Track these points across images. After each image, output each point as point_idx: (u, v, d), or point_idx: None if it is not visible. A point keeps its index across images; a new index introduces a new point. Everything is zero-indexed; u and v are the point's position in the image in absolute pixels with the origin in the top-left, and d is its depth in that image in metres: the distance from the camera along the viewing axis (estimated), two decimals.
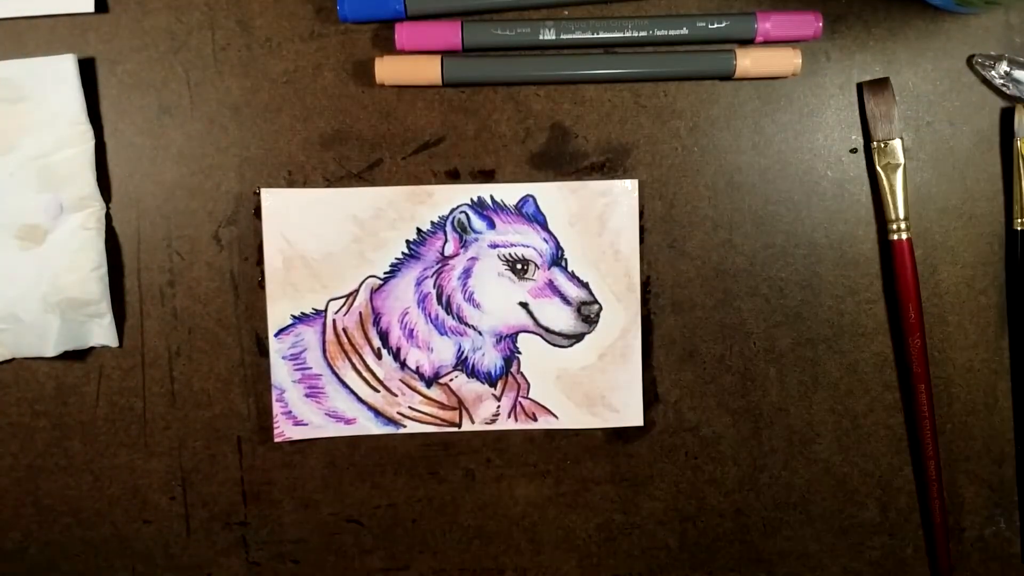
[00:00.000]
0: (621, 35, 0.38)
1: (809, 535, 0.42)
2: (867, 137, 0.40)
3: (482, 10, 0.39)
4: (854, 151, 0.40)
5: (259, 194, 0.39)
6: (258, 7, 0.39)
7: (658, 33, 0.38)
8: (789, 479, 0.41)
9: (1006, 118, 0.40)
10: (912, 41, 0.40)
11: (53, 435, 0.40)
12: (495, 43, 0.38)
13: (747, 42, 0.39)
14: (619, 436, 0.41)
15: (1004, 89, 0.39)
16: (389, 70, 0.38)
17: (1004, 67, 0.39)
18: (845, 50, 0.40)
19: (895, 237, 0.39)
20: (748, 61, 0.38)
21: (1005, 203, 0.40)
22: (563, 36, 0.38)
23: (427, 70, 0.38)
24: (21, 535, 0.41)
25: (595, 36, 0.38)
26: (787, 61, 0.38)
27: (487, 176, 0.40)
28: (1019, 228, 0.39)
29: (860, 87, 0.40)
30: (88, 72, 0.39)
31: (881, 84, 0.39)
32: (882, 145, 0.39)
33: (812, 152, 0.40)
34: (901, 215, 0.39)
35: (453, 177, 0.40)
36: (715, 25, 0.38)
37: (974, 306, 0.41)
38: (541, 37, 0.38)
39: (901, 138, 0.39)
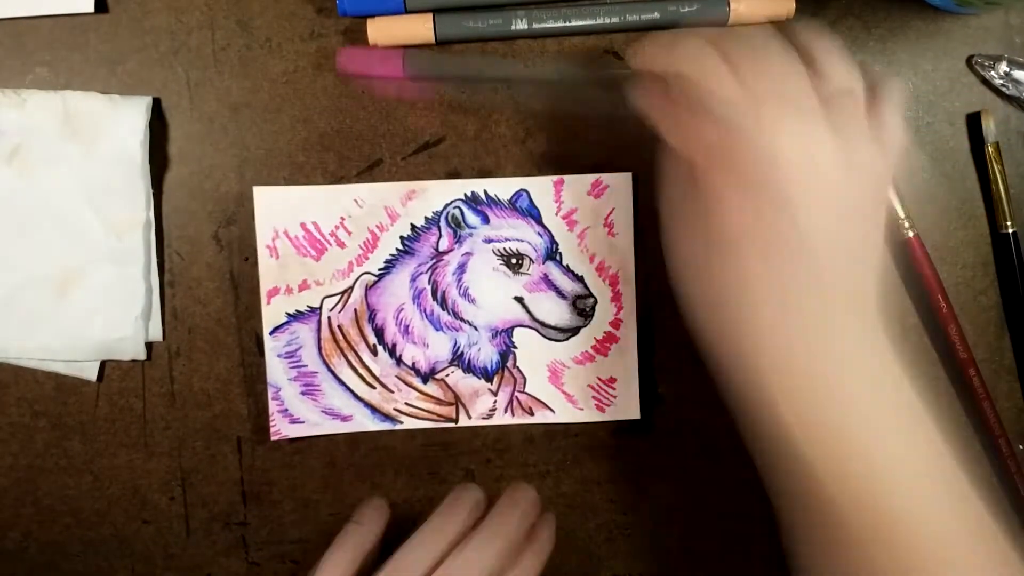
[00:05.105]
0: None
1: None
2: None
3: (477, 6, 0.38)
4: None
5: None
6: (258, 7, 0.39)
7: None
8: None
9: (973, 124, 0.39)
10: (912, 41, 0.40)
11: (53, 435, 0.40)
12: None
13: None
14: (619, 436, 0.41)
15: (1004, 90, 0.39)
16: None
17: (1004, 67, 0.39)
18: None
19: (906, 235, 0.39)
20: (743, 6, 0.37)
21: (986, 208, 0.40)
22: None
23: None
24: (21, 535, 0.41)
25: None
26: (781, 5, 0.38)
27: (487, 176, 0.39)
28: (1005, 231, 0.39)
29: None
30: (91, 73, 0.39)
31: None
32: None
33: None
34: (901, 215, 0.39)
35: (453, 177, 0.40)
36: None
37: (974, 307, 0.41)
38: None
39: None
